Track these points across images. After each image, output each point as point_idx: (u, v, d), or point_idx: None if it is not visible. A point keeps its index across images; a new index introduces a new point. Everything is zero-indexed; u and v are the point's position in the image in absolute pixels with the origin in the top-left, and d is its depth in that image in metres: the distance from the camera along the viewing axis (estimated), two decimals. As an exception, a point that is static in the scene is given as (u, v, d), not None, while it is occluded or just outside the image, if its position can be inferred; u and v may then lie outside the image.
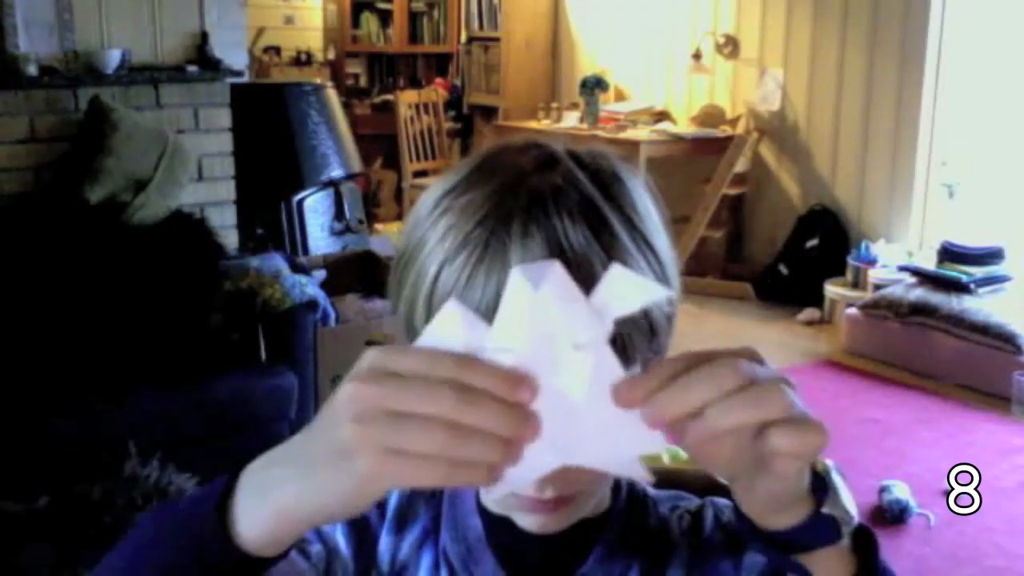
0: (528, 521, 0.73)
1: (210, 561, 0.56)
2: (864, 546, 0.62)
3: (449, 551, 0.79)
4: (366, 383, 0.50)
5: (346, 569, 0.78)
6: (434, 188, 0.71)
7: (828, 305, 4.97)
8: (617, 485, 0.81)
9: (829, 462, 0.61)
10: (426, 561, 0.79)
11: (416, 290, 0.69)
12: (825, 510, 0.58)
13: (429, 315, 0.67)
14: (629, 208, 0.68)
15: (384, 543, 0.80)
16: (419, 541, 0.80)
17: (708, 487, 0.85)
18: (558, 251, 0.64)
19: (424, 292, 0.68)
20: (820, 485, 0.58)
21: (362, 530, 0.80)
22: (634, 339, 0.66)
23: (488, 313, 0.64)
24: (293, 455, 0.54)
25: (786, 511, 0.58)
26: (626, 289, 0.53)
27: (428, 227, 0.69)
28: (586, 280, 0.64)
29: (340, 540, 0.79)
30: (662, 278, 0.69)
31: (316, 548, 0.76)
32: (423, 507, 0.81)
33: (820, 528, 0.58)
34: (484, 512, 0.79)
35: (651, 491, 0.82)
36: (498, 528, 0.78)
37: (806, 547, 0.59)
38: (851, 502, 0.60)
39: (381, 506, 0.81)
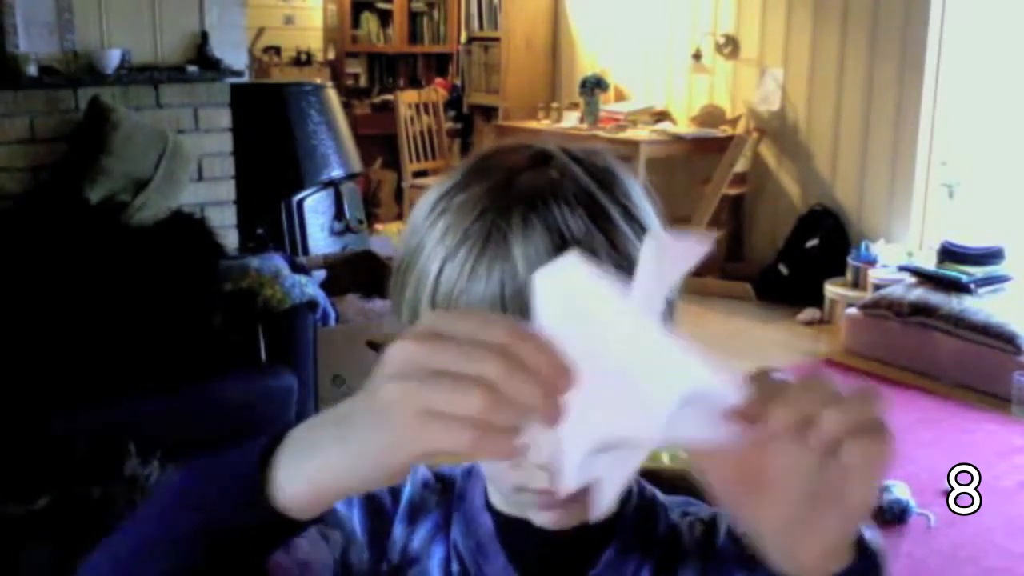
0: (542, 517, 0.73)
1: (247, 517, 0.56)
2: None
3: (460, 547, 0.79)
4: (414, 341, 0.49)
5: (361, 555, 0.78)
6: (430, 193, 0.72)
7: (828, 305, 4.97)
8: (627, 490, 0.80)
9: None
10: (437, 555, 0.79)
11: (419, 292, 0.69)
12: (868, 542, 0.55)
13: (434, 312, 0.67)
14: (624, 198, 0.69)
15: (397, 532, 0.80)
16: (431, 535, 0.80)
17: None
18: (559, 239, 0.65)
19: (427, 292, 0.68)
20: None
21: (378, 514, 0.80)
22: None
23: (494, 302, 0.64)
24: (335, 415, 0.54)
25: (843, 551, 0.54)
26: (670, 254, 0.50)
27: (426, 230, 0.69)
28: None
29: (356, 526, 0.78)
30: None
31: (336, 535, 0.76)
32: (435, 502, 0.81)
33: (869, 566, 0.56)
34: (494, 511, 0.79)
35: (660, 496, 0.82)
36: (508, 528, 0.78)
37: None
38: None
39: (396, 494, 0.81)
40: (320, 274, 3.58)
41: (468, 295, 0.65)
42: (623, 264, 0.66)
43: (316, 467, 0.53)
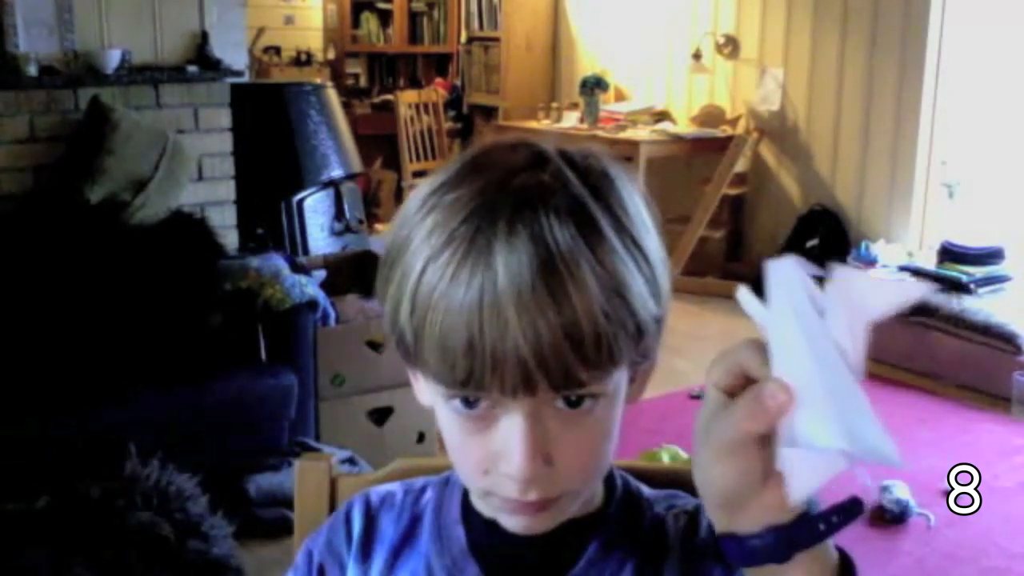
0: (512, 523, 0.72)
1: None
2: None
3: (433, 563, 0.79)
4: None
5: None
6: (423, 186, 0.71)
7: (828, 305, 4.96)
8: (612, 485, 0.79)
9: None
10: (403, 575, 0.80)
11: (401, 288, 0.68)
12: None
13: (413, 312, 0.67)
14: (618, 207, 0.68)
15: (352, 573, 0.81)
16: (388, 563, 0.80)
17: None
18: (543, 249, 0.63)
19: (409, 290, 0.67)
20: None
21: (335, 563, 0.82)
22: (620, 341, 0.65)
23: (472, 310, 0.63)
24: None
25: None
26: (860, 295, 0.57)
27: (415, 225, 0.68)
28: (572, 277, 0.63)
29: None
30: (651, 280, 0.68)
31: None
32: (389, 522, 0.82)
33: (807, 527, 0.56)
34: (470, 520, 0.79)
35: (646, 491, 0.81)
36: (486, 535, 0.77)
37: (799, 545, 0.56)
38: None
39: (350, 534, 0.83)
40: (320, 274, 3.58)
41: (447, 299, 0.64)
42: (607, 280, 0.64)
43: None
